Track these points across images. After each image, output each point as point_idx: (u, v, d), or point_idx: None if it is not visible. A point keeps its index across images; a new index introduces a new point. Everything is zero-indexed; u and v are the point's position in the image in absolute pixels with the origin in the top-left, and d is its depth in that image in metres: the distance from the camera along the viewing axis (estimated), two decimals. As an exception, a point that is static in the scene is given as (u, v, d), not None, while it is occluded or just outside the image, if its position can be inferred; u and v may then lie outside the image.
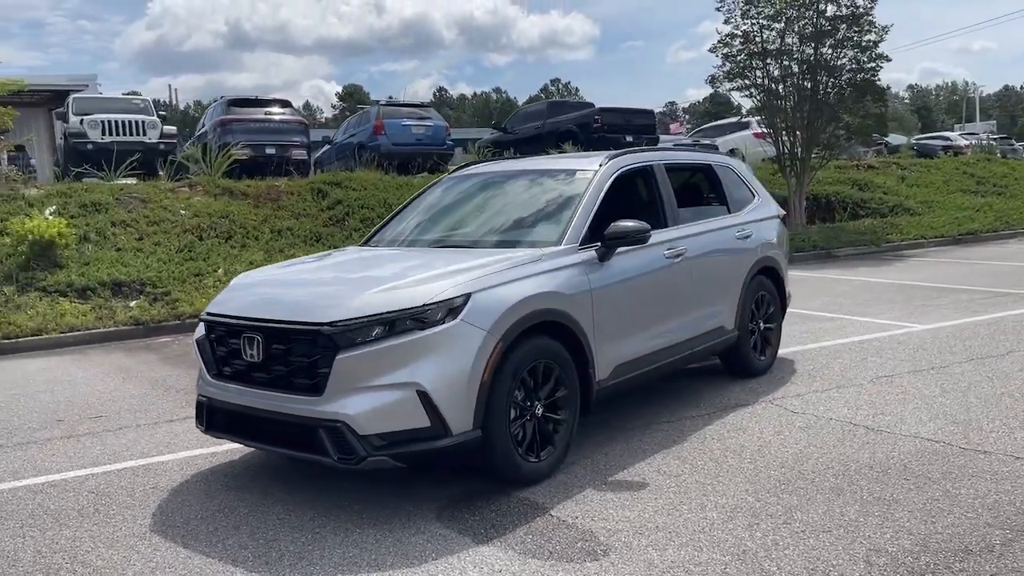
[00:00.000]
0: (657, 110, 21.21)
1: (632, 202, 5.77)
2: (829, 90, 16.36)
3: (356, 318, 3.88)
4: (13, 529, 4.02)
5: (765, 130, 17.42)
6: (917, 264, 13.83)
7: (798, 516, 3.80)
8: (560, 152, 17.83)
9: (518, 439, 4.24)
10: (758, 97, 16.78)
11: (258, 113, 17.10)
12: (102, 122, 15.63)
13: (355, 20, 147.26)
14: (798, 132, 16.49)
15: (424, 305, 3.93)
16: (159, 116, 17.08)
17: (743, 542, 3.56)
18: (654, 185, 5.60)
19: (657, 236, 5.37)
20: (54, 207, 12.67)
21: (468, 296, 4.02)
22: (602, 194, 5.09)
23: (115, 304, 10.34)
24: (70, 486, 4.61)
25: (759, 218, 6.52)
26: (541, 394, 4.37)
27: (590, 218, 4.90)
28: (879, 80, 16.55)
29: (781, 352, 7.13)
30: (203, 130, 18.26)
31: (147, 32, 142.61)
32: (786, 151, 16.73)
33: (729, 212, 6.31)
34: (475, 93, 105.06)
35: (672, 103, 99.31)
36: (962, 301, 9.55)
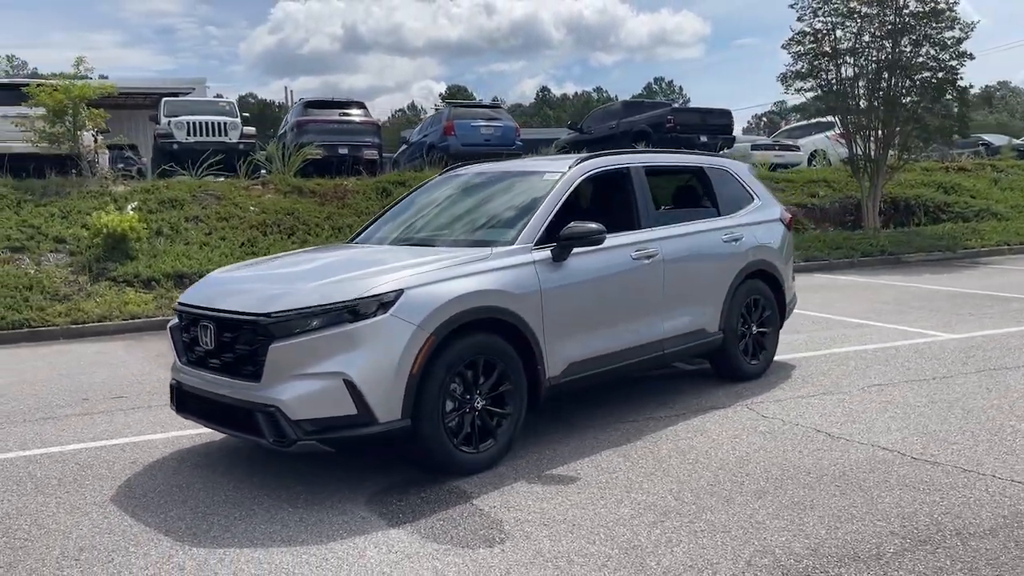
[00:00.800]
0: (766, 109, 20.90)
1: (603, 204, 5.87)
2: (905, 90, 15.77)
3: (290, 310, 4.15)
4: (-3, 493, 4.49)
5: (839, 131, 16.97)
6: (989, 272, 13.22)
7: (706, 516, 3.85)
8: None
9: (454, 430, 4.43)
10: (830, 97, 16.32)
11: (333, 114, 17.79)
12: (187, 123, 16.60)
13: (465, 21, 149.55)
14: (871, 133, 15.98)
15: (356, 299, 4.17)
16: (242, 118, 17.98)
17: (638, 538, 3.65)
18: (629, 187, 5.67)
19: (627, 238, 5.47)
20: (136, 203, 13.58)
21: (400, 292, 4.23)
22: (564, 196, 5.21)
23: (175, 294, 11.02)
24: (62, 458, 5.07)
25: (755, 221, 6.48)
26: (482, 388, 4.54)
27: (548, 219, 5.03)
28: (961, 79, 15.84)
29: (787, 357, 7.07)
30: (284, 130, 19.11)
31: (269, 36, 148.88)
32: (859, 153, 16.22)
33: (719, 215, 6.30)
34: (575, 93, 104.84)
35: (782, 101, 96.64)
36: (1011, 311, 9.15)
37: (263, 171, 16.48)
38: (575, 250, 5.02)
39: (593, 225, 4.95)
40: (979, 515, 3.75)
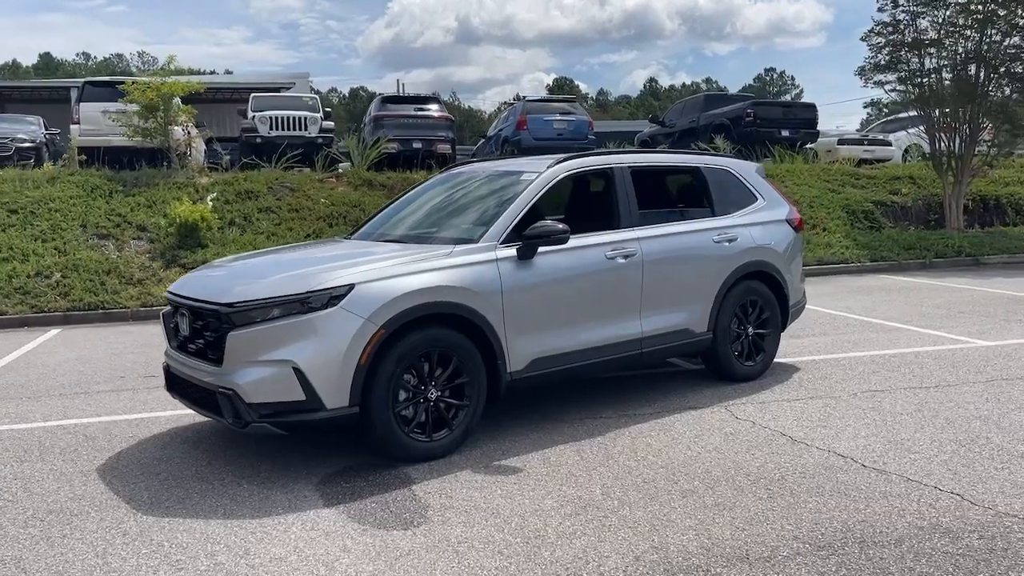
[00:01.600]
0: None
1: (584, 204, 5.96)
2: (993, 82, 14.99)
3: (248, 301, 4.47)
4: (1, 459, 5.00)
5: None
6: (1071, 276, 12.48)
7: (623, 512, 3.95)
8: (710, 147, 17.66)
9: (407, 419, 4.66)
10: (911, 91, 15.68)
11: (408, 109, 18.28)
12: (269, 118, 17.38)
13: (577, 12, 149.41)
14: (956, 128, 15.27)
15: (308, 292, 4.45)
16: (324, 113, 18.69)
17: (546, 528, 3.78)
18: (611, 188, 5.75)
19: (603, 237, 5.57)
20: (215, 194, 14.39)
21: (351, 286, 4.49)
22: (536, 196, 5.35)
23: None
24: (73, 429, 5.57)
25: (755, 222, 6.43)
26: (438, 380, 4.75)
27: (517, 218, 5.18)
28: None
29: (798, 359, 7.03)
30: (364, 125, 19.75)
31: (385, 30, 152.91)
32: (943, 149, 15.53)
33: (713, 215, 6.29)
34: (683, 84, 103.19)
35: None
36: (1067, 318, 8.69)
37: (341, 165, 17.12)
38: (544, 249, 5.16)
39: (558, 225, 5.08)
40: (895, 524, 3.72)
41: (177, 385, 5.05)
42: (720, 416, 5.49)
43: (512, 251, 5.08)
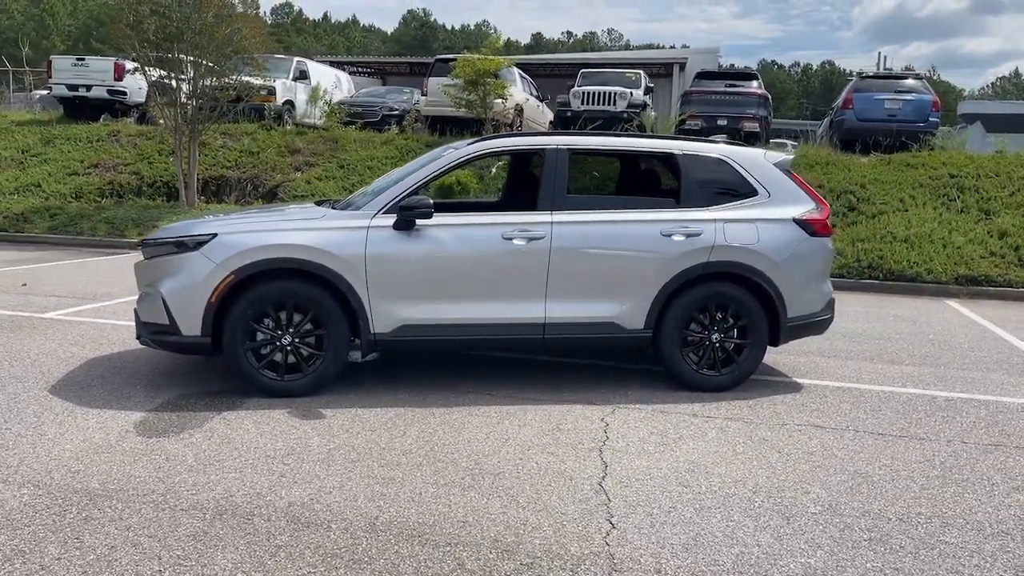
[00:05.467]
0: None
1: (513, 184, 5.87)
2: None
3: (148, 239, 5.53)
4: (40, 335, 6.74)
5: None
6: None
7: (306, 467, 4.24)
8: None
9: (263, 357, 5.33)
10: None
11: (719, 85, 17.79)
12: (582, 93, 18.27)
13: None
14: None
15: (184, 237, 5.35)
16: (645, 89, 19.02)
17: (258, 465, 4.26)
18: (537, 170, 5.63)
19: (508, 218, 5.59)
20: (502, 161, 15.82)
21: (214, 235, 5.28)
22: (435, 173, 5.58)
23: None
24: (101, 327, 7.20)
25: (739, 218, 5.68)
26: (297, 328, 5.34)
27: (404, 192, 5.45)
28: None
29: (824, 382, 6.14)
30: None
31: (887, 0, 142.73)
32: None
33: (677, 206, 5.72)
34: None
35: None
36: None
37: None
38: (428, 223, 5.39)
39: (427, 200, 5.32)
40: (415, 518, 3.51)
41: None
42: (579, 414, 5.19)
43: (389, 221, 5.39)
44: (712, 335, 5.72)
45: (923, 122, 16.58)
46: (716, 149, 5.98)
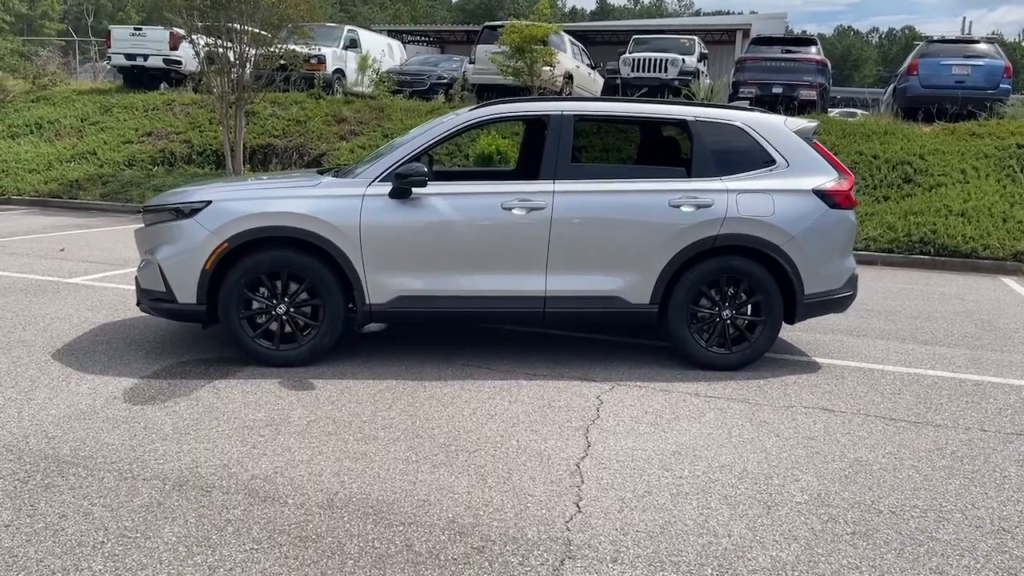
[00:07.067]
0: None
1: (522, 152, 5.64)
2: None
3: (148, 205, 5.51)
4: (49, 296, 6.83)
5: None
6: None
7: (282, 439, 4.17)
8: None
9: (258, 326, 5.29)
10: None
11: (774, 51, 17.13)
12: (633, 60, 17.83)
13: None
14: None
15: (180, 204, 5.31)
16: (700, 55, 18.45)
17: (234, 437, 4.23)
18: (541, 137, 5.42)
19: (507, 187, 5.42)
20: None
21: (208, 203, 5.22)
22: (432, 141, 5.40)
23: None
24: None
25: (755, 188, 5.39)
26: (293, 297, 5.27)
27: (400, 160, 5.30)
28: None
29: (844, 362, 5.86)
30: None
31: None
32: None
33: (688, 175, 5.44)
34: None
35: None
36: None
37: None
38: (425, 192, 5.24)
39: (422, 168, 5.16)
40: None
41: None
42: (575, 390, 5.01)
43: (385, 190, 5.26)
44: (723, 311, 5.46)
45: (993, 89, 15.71)
46: (732, 116, 5.67)
